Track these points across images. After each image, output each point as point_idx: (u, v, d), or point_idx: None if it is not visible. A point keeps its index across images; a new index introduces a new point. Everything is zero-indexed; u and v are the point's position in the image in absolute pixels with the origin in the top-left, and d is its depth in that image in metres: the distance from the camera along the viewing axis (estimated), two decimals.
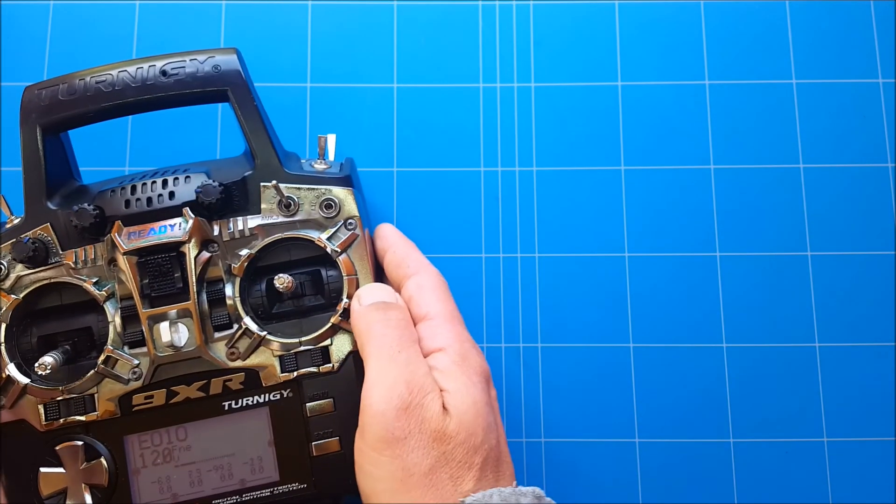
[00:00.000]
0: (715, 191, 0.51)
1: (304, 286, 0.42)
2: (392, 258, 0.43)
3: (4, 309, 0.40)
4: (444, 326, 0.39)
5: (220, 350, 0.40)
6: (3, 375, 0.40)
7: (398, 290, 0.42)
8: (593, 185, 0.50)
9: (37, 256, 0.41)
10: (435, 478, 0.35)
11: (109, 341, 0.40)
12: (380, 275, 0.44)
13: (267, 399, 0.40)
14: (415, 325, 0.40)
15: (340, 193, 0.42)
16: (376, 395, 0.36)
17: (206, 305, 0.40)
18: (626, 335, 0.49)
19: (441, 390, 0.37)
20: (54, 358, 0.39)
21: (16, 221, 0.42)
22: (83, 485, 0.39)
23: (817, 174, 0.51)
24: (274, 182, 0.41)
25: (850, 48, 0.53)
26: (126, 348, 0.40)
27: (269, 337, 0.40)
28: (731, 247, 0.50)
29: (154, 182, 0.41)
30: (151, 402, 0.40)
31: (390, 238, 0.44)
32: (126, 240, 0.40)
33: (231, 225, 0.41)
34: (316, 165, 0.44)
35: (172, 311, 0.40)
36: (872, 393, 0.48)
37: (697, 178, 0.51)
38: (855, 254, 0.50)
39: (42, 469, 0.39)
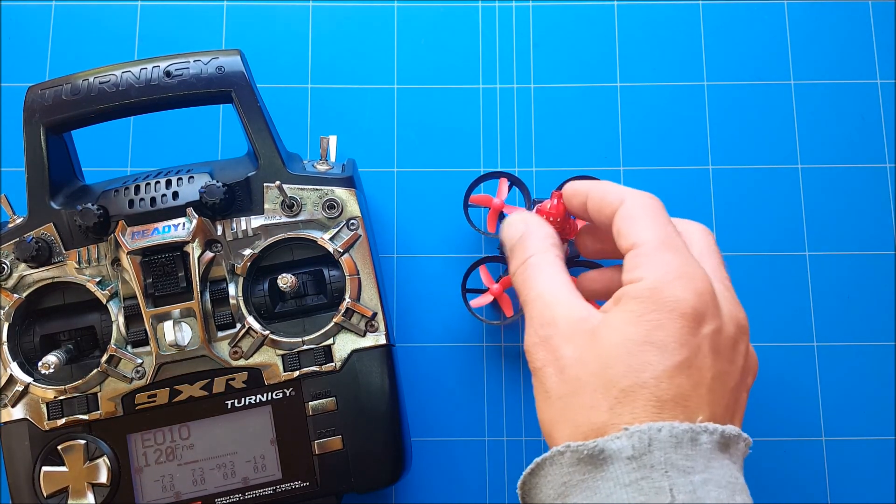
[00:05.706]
0: (713, 191, 0.51)
1: (306, 286, 0.42)
2: (592, 205, 0.38)
3: (7, 308, 0.40)
4: (648, 256, 0.34)
5: (223, 349, 0.41)
6: (6, 375, 0.40)
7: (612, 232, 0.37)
8: None
9: (40, 256, 0.41)
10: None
11: (113, 340, 0.40)
12: (382, 277, 0.44)
13: (270, 398, 0.40)
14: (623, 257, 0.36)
15: (343, 194, 0.43)
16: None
17: (209, 305, 0.41)
18: None
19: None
20: (57, 357, 0.39)
21: (18, 221, 0.42)
22: (86, 483, 0.39)
23: (815, 174, 0.51)
24: (278, 182, 0.41)
25: (849, 49, 0.53)
26: (129, 347, 0.40)
27: (271, 336, 0.41)
28: (730, 246, 0.50)
29: (158, 182, 0.41)
30: (154, 401, 0.40)
31: (580, 187, 0.39)
32: (130, 239, 0.40)
33: (234, 225, 0.42)
34: (318, 166, 0.44)
35: (176, 310, 0.40)
36: (871, 392, 0.48)
37: (696, 179, 0.51)
38: (853, 254, 0.50)
39: (44, 468, 0.39)
